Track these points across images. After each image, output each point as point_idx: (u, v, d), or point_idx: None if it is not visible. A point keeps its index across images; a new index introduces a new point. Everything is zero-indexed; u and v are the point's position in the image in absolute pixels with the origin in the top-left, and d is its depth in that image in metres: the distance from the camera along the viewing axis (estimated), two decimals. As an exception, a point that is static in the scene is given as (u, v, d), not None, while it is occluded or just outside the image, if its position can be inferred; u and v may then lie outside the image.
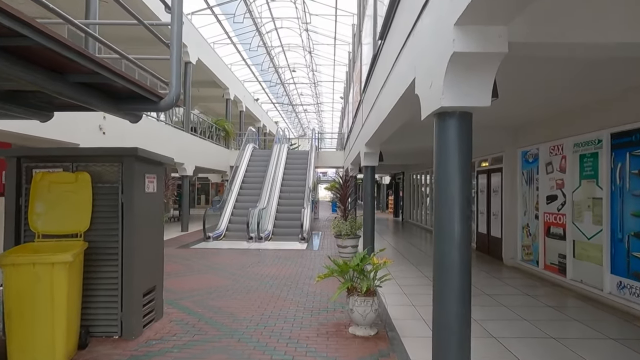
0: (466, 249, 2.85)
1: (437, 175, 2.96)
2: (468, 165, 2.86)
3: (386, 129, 6.74)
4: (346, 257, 9.63)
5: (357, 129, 10.76)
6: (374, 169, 9.01)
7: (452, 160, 2.84)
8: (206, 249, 11.03)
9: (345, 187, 10.05)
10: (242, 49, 20.93)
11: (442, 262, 2.91)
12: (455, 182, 2.84)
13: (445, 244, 2.87)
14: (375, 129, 7.07)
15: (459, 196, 2.83)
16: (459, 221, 2.83)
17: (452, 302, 2.85)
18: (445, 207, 2.87)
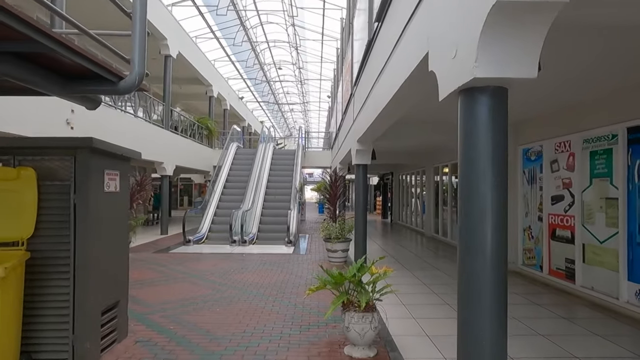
0: (502, 267, 2.24)
1: (463, 170, 2.35)
2: (504, 157, 2.25)
3: (383, 122, 6.14)
4: (336, 262, 9.01)
5: (347, 125, 10.15)
6: (366, 167, 8.41)
7: (484, 151, 2.23)
8: (185, 254, 10.27)
9: (335, 187, 9.43)
10: (225, 44, 20.16)
11: (470, 283, 2.29)
12: (487, 180, 2.23)
13: (475, 261, 2.25)
14: (370, 123, 6.46)
15: (493, 198, 2.22)
16: (494, 230, 2.22)
17: (484, 334, 2.23)
18: (474, 212, 2.26)
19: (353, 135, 8.56)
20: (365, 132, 7.20)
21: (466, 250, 2.32)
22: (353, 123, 8.68)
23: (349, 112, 9.67)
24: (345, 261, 9.11)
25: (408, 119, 7.49)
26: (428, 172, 14.71)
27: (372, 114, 6.30)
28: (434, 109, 6.77)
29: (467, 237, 2.31)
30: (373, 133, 7.28)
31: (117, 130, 10.70)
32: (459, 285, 2.39)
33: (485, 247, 2.22)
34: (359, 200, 8.42)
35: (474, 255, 2.26)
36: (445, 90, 2.53)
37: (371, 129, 6.91)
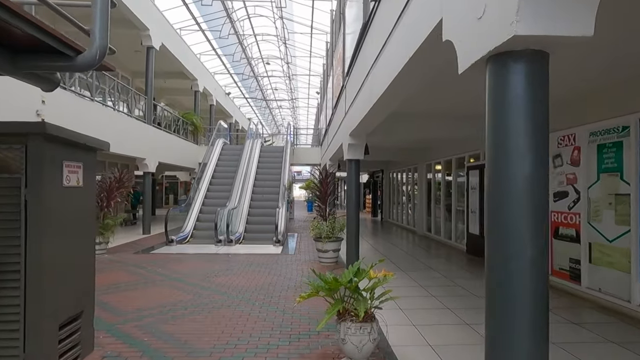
0: (543, 277, 1.80)
1: (492, 158, 1.90)
2: (545, 140, 1.81)
3: (378, 114, 5.70)
4: (327, 262, 8.56)
5: (338, 119, 9.70)
6: (358, 162, 7.96)
7: (520, 133, 1.79)
8: (167, 255, 9.71)
9: (325, 185, 8.96)
10: (211, 37, 19.51)
11: (501, 297, 1.84)
12: (524, 169, 1.78)
13: (508, 266, 1.81)
14: (364, 115, 6.01)
15: (534, 191, 1.78)
16: (533, 231, 1.77)
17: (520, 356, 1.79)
18: (506, 208, 1.82)
19: (345, 129, 8.11)
20: (358, 124, 6.75)
21: (497, 256, 1.87)
22: (345, 116, 8.23)
23: (340, 105, 9.22)
24: (337, 261, 8.66)
25: (402, 112, 7.08)
26: (420, 170, 14.35)
27: (366, 105, 5.86)
28: (431, 100, 6.36)
29: (499, 240, 1.86)
30: (366, 126, 6.84)
31: (96, 125, 10.07)
32: (488, 299, 1.94)
33: (522, 252, 1.78)
34: (351, 197, 7.98)
35: (507, 262, 1.82)
36: (467, 59, 2.08)
37: (365, 122, 6.46)
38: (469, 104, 6.45)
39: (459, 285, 6.88)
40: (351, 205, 7.96)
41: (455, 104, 6.63)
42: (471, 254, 9.95)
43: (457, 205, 11.21)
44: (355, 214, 7.95)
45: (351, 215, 7.95)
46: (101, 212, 9.25)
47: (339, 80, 9.24)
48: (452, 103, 6.62)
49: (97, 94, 10.73)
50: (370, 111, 5.68)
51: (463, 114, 7.34)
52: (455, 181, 11.29)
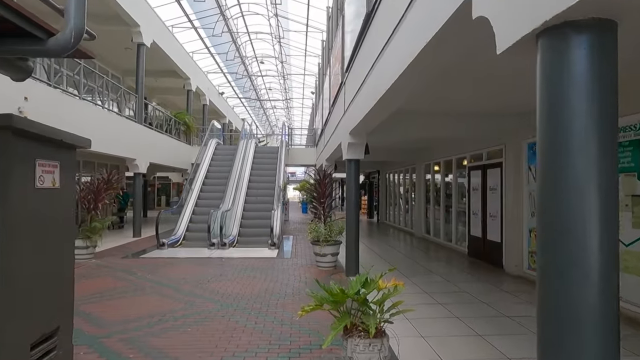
0: (614, 299, 1.46)
1: (547, 154, 1.56)
2: (614, 131, 1.48)
3: (382, 110, 5.37)
4: (325, 266, 8.21)
5: (337, 117, 9.36)
6: (358, 163, 7.63)
7: (584, 123, 1.45)
8: (158, 259, 9.30)
9: (323, 185, 8.61)
10: (204, 35, 19.10)
11: (559, 312, 1.50)
12: (589, 167, 1.45)
13: (568, 279, 1.47)
14: (367, 112, 5.68)
15: (601, 195, 1.44)
16: (601, 242, 1.44)
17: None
18: (569, 217, 1.48)
19: (344, 127, 7.77)
20: (359, 123, 6.41)
21: (553, 272, 1.53)
22: (344, 115, 7.90)
23: (338, 102, 8.89)
24: (335, 266, 8.31)
25: (404, 109, 6.76)
26: (418, 170, 14.05)
27: (369, 101, 5.52)
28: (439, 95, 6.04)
29: (556, 252, 1.52)
30: (368, 124, 6.50)
31: (83, 124, 9.65)
32: (540, 320, 1.60)
33: (587, 268, 1.44)
34: (351, 199, 7.64)
35: (564, 269, 1.48)
36: (510, 36, 1.74)
37: (366, 120, 6.13)
38: (489, 96, 6.12)
39: (464, 291, 6.56)
40: (351, 207, 7.62)
41: (470, 98, 6.31)
42: (473, 257, 9.65)
43: (458, 206, 10.91)
44: (354, 216, 7.62)
45: (350, 218, 7.62)
46: (88, 215, 8.82)
47: (337, 78, 8.91)
48: (465, 97, 6.30)
49: (85, 92, 10.31)
50: (373, 108, 5.35)
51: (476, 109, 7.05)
52: (456, 182, 11.00)
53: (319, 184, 8.60)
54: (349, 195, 7.66)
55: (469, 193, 9.95)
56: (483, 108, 7.18)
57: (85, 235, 8.64)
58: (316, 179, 8.67)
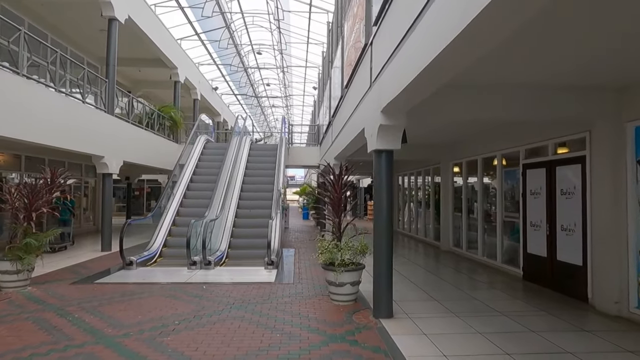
0: None
1: None
2: None
3: (443, 69, 3.14)
4: (342, 301, 5.93)
5: (356, 95, 7.05)
6: (391, 155, 5.36)
7: None
8: (117, 286, 6.99)
9: (339, 187, 6.30)
10: (194, 18, 16.87)
11: None
12: None
13: None
14: (417, 74, 3.44)
15: None
16: None
17: None
18: None
19: (372, 104, 5.48)
20: (400, 93, 4.16)
21: None
22: (371, 86, 5.61)
23: (360, 74, 6.58)
24: (356, 299, 6.02)
25: (455, 82, 4.54)
26: (445, 171, 11.78)
27: (420, 59, 3.31)
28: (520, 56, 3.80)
29: None
30: (413, 95, 4.25)
31: (22, 108, 7.41)
32: None
33: None
34: (381, 206, 5.36)
35: None
36: None
37: (414, 88, 3.89)
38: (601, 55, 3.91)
39: (551, 342, 4.30)
40: (381, 217, 5.35)
41: (565, 60, 4.11)
42: (531, 281, 7.38)
43: (505, 215, 8.64)
44: (385, 231, 5.34)
45: (380, 233, 5.34)
46: (20, 228, 6.52)
47: (358, 40, 6.62)
48: (558, 58, 4.09)
49: (26, 67, 8.06)
50: (430, 66, 3.13)
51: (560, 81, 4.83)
52: (502, 184, 8.73)
53: (333, 186, 6.29)
54: (379, 201, 5.38)
55: (524, 198, 7.69)
56: (571, 78, 4.95)
57: (14, 256, 6.34)
58: (329, 179, 6.36)
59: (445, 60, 3.14)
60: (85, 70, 10.05)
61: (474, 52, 2.98)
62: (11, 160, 12.10)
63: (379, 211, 5.38)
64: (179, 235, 9.93)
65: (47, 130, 8.22)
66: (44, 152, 12.18)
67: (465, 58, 3.15)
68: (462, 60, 3.19)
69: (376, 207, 5.46)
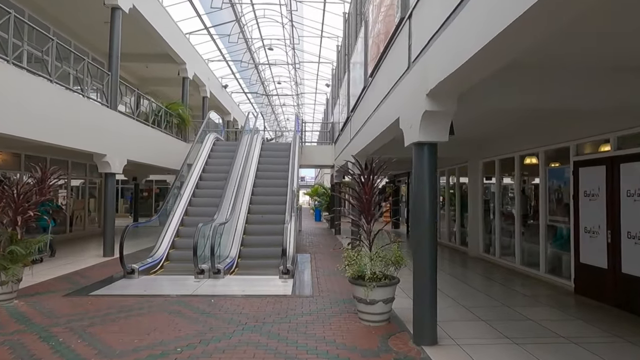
0: None
1: None
2: None
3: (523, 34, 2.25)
4: (373, 322, 5.05)
5: (388, 79, 6.12)
6: (435, 149, 4.47)
7: None
8: (114, 299, 6.19)
9: (369, 187, 5.42)
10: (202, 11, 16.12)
11: None
12: None
13: None
14: (500, 31, 2.53)
15: None
16: None
17: None
18: None
19: (414, 87, 4.55)
20: (459, 70, 3.28)
21: None
22: (411, 67, 4.67)
23: (393, 51, 5.60)
24: (389, 319, 5.12)
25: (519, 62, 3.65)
26: (473, 170, 10.83)
27: (491, 26, 2.45)
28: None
29: None
30: (473, 73, 3.37)
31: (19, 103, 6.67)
32: None
33: None
34: (422, 209, 4.47)
35: None
36: None
37: (476, 64, 3.02)
38: None
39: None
40: (422, 224, 4.45)
41: None
42: (585, 296, 6.42)
43: (549, 219, 7.68)
44: (429, 238, 4.45)
45: (422, 241, 4.45)
46: (4, 234, 5.75)
47: (389, 14, 5.68)
48: None
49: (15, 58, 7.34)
50: (502, 34, 2.29)
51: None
52: (545, 184, 7.77)
53: (362, 187, 5.40)
54: (419, 204, 4.49)
55: (576, 200, 6.73)
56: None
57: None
58: (358, 178, 5.45)
59: (522, 29, 2.27)
60: (86, 61, 9.29)
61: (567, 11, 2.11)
62: (10, 159, 11.44)
63: (419, 216, 4.49)
64: (185, 239, 9.14)
65: (41, 125, 7.47)
66: (46, 150, 11.52)
67: (549, 23, 2.28)
68: (547, 25, 2.32)
69: (415, 212, 4.57)
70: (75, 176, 15.25)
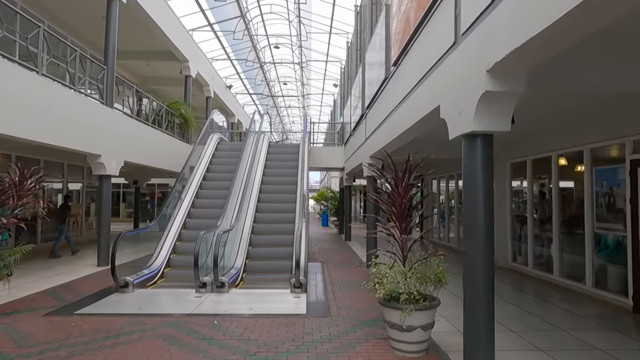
0: None
1: None
2: None
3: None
4: (411, 353, 4.15)
5: (423, 61, 5.24)
6: (491, 141, 3.61)
7: None
8: (102, 320, 5.34)
9: (405, 189, 4.55)
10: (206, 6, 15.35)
11: None
12: None
13: None
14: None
15: None
16: None
17: None
18: None
19: (467, 64, 3.67)
20: (539, 35, 2.43)
21: None
22: (459, 40, 3.80)
23: (434, 23, 4.68)
24: (427, 350, 4.23)
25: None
26: (499, 172, 9.94)
27: None
28: None
29: None
30: (557, 41, 2.52)
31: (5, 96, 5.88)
32: None
33: None
34: (476, 217, 3.60)
35: None
36: None
37: (560, 29, 2.18)
38: None
39: None
40: (476, 236, 3.59)
41: None
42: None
43: (596, 226, 6.77)
44: (484, 253, 3.57)
45: (476, 257, 3.58)
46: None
47: None
48: None
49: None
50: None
51: None
52: (592, 186, 6.87)
53: (394, 189, 4.52)
54: (472, 211, 3.62)
55: (635, 205, 5.83)
56: None
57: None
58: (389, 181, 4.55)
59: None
60: (78, 52, 8.50)
61: None
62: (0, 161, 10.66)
63: (471, 228, 3.63)
64: (186, 247, 8.30)
65: (23, 120, 6.65)
66: (38, 151, 10.72)
67: None
68: None
69: (466, 222, 3.71)
70: (45, 177, 14.43)
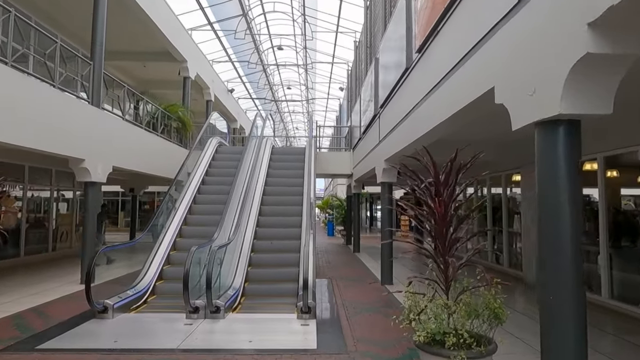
0: None
1: None
2: None
3: None
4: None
5: (467, 33, 4.23)
6: (579, 129, 2.61)
7: None
8: (69, 359, 4.33)
9: (449, 197, 3.52)
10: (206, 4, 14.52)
11: None
12: None
13: None
14: None
15: None
16: None
17: None
18: None
19: (550, 17, 2.70)
20: None
21: None
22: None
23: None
24: (483, 408, 3.19)
25: None
26: (527, 179, 8.93)
27: None
28: None
29: None
30: None
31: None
32: None
33: None
34: (558, 230, 2.58)
35: None
36: None
37: None
38: None
39: None
40: (560, 252, 2.57)
41: None
42: None
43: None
44: (574, 278, 2.55)
45: (561, 282, 2.56)
46: None
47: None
48: None
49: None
50: None
51: None
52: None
53: (432, 198, 3.51)
54: (550, 222, 2.61)
55: None
56: None
57: None
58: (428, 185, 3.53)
59: None
60: (58, 44, 7.59)
61: None
62: (-22, 166, 9.75)
63: (554, 248, 2.61)
64: (179, 263, 7.30)
65: (19, 128, 5.74)
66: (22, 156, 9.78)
67: None
68: None
69: (544, 240, 2.69)
70: (62, 187, 13.59)
